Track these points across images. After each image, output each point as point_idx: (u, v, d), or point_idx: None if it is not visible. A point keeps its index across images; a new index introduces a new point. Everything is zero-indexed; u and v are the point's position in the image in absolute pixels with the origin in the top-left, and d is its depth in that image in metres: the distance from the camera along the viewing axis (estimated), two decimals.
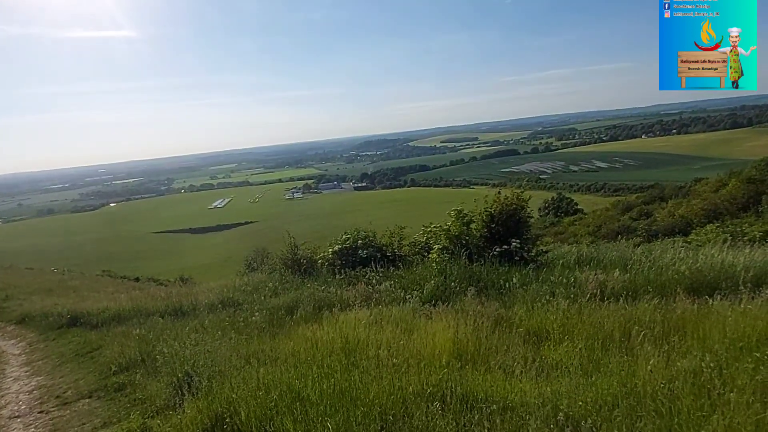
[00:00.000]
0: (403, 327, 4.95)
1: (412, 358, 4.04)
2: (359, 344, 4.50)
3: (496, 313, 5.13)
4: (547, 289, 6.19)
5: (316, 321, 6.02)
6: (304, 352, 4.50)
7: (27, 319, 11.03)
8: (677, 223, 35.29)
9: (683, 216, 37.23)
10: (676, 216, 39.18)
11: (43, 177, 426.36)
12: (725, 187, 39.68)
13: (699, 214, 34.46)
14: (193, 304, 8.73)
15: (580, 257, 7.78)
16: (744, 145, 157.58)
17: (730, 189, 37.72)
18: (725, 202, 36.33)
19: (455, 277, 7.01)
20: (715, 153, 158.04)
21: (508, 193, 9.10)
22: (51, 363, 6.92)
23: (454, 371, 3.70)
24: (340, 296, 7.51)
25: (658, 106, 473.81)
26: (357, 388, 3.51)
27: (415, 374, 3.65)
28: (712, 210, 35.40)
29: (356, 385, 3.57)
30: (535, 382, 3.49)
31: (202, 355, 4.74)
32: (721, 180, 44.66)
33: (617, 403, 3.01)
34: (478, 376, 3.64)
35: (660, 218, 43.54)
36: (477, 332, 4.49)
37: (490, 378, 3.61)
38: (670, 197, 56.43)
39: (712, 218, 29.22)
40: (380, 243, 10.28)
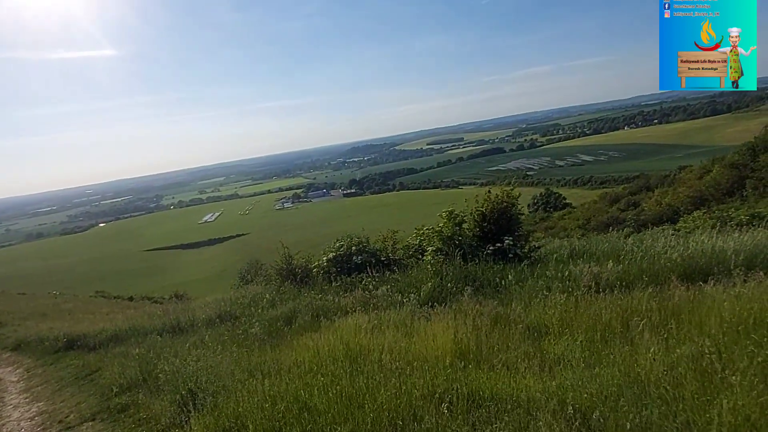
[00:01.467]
0: (404, 330, 4.97)
1: (416, 360, 4.05)
2: (362, 350, 4.51)
3: (494, 311, 5.16)
4: (543, 285, 6.23)
5: (315, 329, 6.01)
6: (308, 361, 4.50)
7: (23, 345, 10.86)
8: (665, 212, 35.75)
9: (670, 204, 37.77)
10: (663, 205, 39.74)
11: (30, 201, 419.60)
12: (709, 174, 40.34)
13: (685, 202, 34.99)
14: (190, 320, 8.66)
15: (573, 251, 7.87)
16: (724, 131, 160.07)
17: (714, 175, 38.37)
18: (710, 188, 36.98)
19: (451, 278, 7.03)
20: (696, 140, 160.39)
21: (497, 192, 9.16)
22: (50, 388, 6.82)
23: (457, 371, 3.72)
24: (338, 303, 7.49)
25: (639, 98, 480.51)
26: (363, 394, 3.51)
27: (420, 377, 3.65)
28: (698, 197, 36.01)
29: (362, 391, 3.57)
30: (539, 377, 3.52)
31: (205, 370, 4.70)
32: (704, 167, 45.37)
33: (622, 393, 3.04)
34: (482, 375, 3.66)
35: (648, 208, 44.11)
36: (477, 331, 4.51)
37: (495, 376, 3.63)
38: (656, 186, 57.18)
39: (698, 205, 29.66)
40: (374, 248, 10.29)
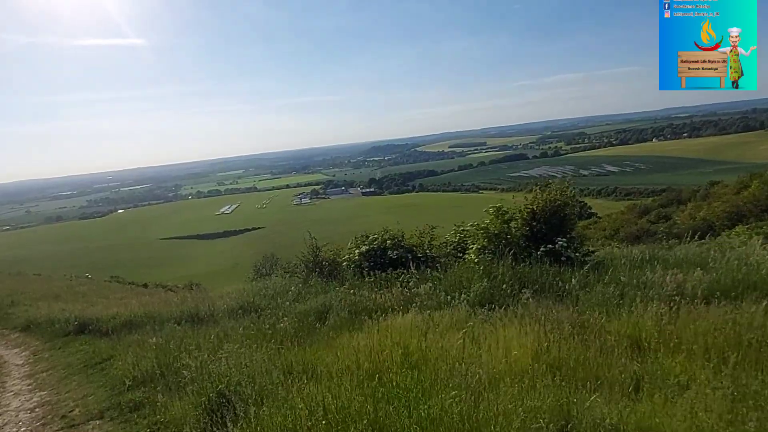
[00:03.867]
0: (466, 335, 4.19)
1: (496, 372, 3.28)
2: (424, 356, 3.73)
3: (572, 317, 4.36)
4: (615, 291, 5.46)
5: (356, 328, 5.26)
6: (363, 366, 3.72)
7: (32, 326, 10.37)
8: (699, 226, 34.43)
9: (705, 218, 36.35)
10: (697, 219, 38.27)
11: (51, 184, 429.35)
12: (747, 189, 38.70)
13: (721, 217, 33.61)
14: (210, 310, 8.03)
15: (643, 257, 6.97)
16: (758, 149, 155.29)
17: (752, 191, 36.77)
18: (748, 203, 35.40)
19: (506, 279, 6.25)
20: (728, 156, 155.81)
21: (551, 189, 8.43)
22: (56, 375, 6.20)
23: (557, 389, 2.93)
24: (374, 300, 6.80)
25: (668, 110, 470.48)
26: (452, 415, 2.71)
27: (518, 394, 2.88)
28: (735, 212, 34.55)
29: (451, 411, 2.75)
30: (672, 407, 2.71)
31: (237, 368, 3.98)
32: (741, 182, 43.66)
33: None
34: (594, 397, 2.85)
35: (680, 221, 42.65)
36: (562, 341, 3.72)
37: (612, 399, 2.84)
38: (688, 200, 55.37)
39: (735, 220, 28.46)
40: (409, 243, 9.62)
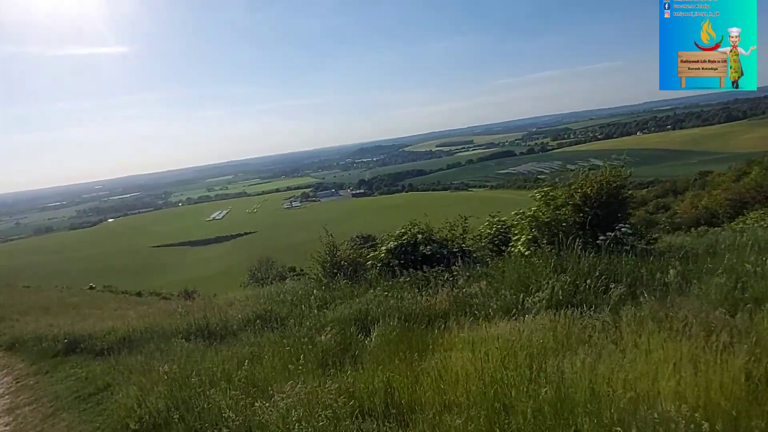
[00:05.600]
0: (600, 352, 3.07)
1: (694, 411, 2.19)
2: (595, 395, 2.57)
3: (724, 321, 3.31)
4: (730, 285, 4.45)
5: (432, 342, 4.12)
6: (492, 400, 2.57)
7: (18, 344, 9.13)
8: (701, 215, 34.06)
9: (707, 207, 35.97)
10: (699, 207, 37.86)
11: (39, 195, 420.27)
12: (747, 176, 38.35)
13: (724, 204, 33.12)
14: (223, 321, 6.84)
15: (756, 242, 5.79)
16: (740, 138, 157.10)
17: (754, 177, 36.38)
18: (751, 190, 34.98)
19: (590, 274, 5.20)
20: (711, 147, 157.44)
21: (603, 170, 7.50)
22: (41, 411, 4.98)
23: None
24: (420, 304, 5.74)
25: (651, 103, 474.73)
26: None
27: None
28: (738, 199, 34.10)
29: None
30: None
31: (294, 414, 2.72)
32: (740, 169, 43.38)
33: None
34: None
35: (681, 211, 42.29)
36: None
37: None
38: (685, 190, 55.20)
39: (738, 208, 27.94)
40: (441, 237, 8.60)
